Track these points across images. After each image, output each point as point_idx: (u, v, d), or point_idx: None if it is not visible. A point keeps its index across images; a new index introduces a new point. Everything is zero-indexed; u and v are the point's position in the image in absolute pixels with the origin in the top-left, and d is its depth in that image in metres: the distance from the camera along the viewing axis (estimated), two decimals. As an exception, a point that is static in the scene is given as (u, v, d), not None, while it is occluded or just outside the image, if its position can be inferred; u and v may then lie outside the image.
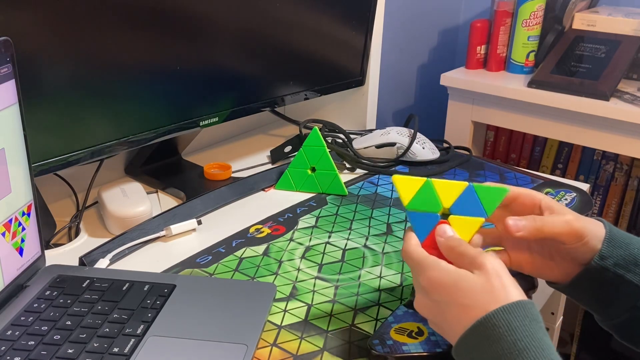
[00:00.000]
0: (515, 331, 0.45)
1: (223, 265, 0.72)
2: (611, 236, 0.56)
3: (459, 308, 0.49)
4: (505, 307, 0.46)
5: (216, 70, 0.89)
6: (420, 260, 0.52)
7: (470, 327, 0.47)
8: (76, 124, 0.75)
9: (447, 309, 0.50)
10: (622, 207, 1.54)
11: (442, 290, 0.50)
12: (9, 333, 0.56)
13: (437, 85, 1.50)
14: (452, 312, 0.49)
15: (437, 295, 0.50)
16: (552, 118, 1.35)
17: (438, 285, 0.50)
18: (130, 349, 0.54)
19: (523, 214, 0.58)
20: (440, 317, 0.51)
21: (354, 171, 1.00)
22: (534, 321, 0.46)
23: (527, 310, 0.46)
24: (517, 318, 0.46)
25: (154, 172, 0.95)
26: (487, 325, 0.46)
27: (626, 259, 0.55)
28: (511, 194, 0.58)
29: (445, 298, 0.50)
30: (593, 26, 1.39)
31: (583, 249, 0.56)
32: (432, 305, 0.51)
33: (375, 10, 1.08)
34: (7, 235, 0.60)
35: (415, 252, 0.53)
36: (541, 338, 0.45)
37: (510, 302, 0.46)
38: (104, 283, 0.64)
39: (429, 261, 0.52)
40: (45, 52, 0.69)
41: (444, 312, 0.50)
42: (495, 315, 0.46)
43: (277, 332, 0.61)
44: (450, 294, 0.49)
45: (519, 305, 0.46)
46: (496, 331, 0.45)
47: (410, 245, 0.54)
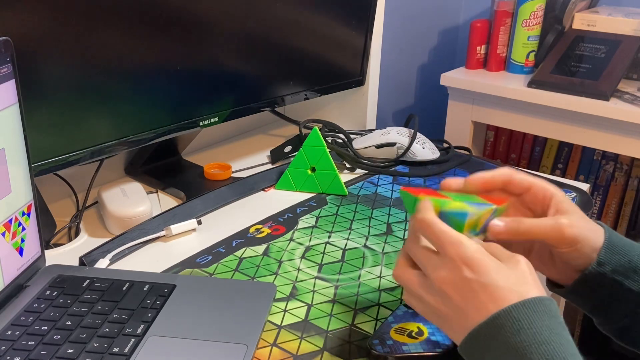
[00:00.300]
0: (535, 324, 0.45)
1: (223, 265, 0.72)
2: (611, 242, 0.55)
3: (493, 290, 0.47)
4: (526, 302, 0.46)
5: (216, 70, 0.89)
6: (449, 233, 0.49)
7: (489, 317, 0.46)
8: (76, 124, 0.75)
9: (479, 288, 0.47)
10: (622, 207, 1.54)
11: (479, 268, 0.47)
12: (9, 333, 0.56)
13: (437, 85, 1.50)
14: (483, 292, 0.47)
15: (470, 272, 0.47)
16: (552, 118, 1.35)
17: (476, 263, 0.48)
18: (130, 349, 0.54)
19: (534, 206, 0.58)
20: (468, 294, 0.48)
21: (354, 171, 1.00)
22: (553, 318, 0.46)
23: (547, 307, 0.46)
24: (537, 313, 0.45)
25: (154, 172, 0.95)
26: (508, 317, 0.46)
27: (625, 266, 0.55)
28: (525, 184, 0.57)
29: (481, 277, 0.47)
30: (593, 26, 1.39)
31: (575, 254, 0.55)
32: (461, 282, 0.48)
33: (375, 10, 1.08)
34: (7, 235, 0.60)
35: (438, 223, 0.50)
36: (560, 333, 0.45)
37: (532, 297, 0.46)
38: (104, 283, 0.64)
39: (461, 237, 0.49)
40: (45, 52, 0.69)
41: (474, 290, 0.47)
42: (516, 309, 0.46)
43: (277, 332, 0.61)
44: (488, 274, 0.47)
45: (539, 301, 0.46)
46: (516, 324, 0.45)
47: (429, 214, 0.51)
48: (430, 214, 0.51)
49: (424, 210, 0.52)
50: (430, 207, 0.52)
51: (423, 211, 0.52)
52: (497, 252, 0.50)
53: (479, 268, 0.47)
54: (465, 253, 0.48)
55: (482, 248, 0.49)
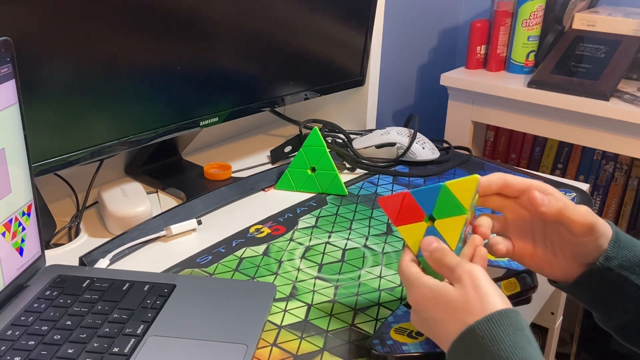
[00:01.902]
0: (498, 341, 0.45)
1: (223, 265, 0.72)
2: (618, 237, 0.56)
3: (442, 323, 0.50)
4: (488, 317, 0.46)
5: (216, 70, 0.89)
6: (407, 277, 0.53)
7: (454, 341, 0.48)
8: (76, 124, 0.75)
9: (434, 324, 0.51)
10: (622, 207, 1.54)
11: (425, 307, 0.51)
12: (9, 333, 0.56)
13: (437, 85, 1.50)
14: (437, 327, 0.51)
15: (423, 312, 0.52)
16: (552, 118, 1.35)
17: (422, 302, 0.52)
18: (130, 349, 0.54)
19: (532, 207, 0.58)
20: (431, 333, 0.52)
21: (354, 171, 1.00)
22: (518, 330, 0.46)
23: (511, 319, 0.46)
24: (500, 327, 0.46)
25: (154, 172, 0.95)
26: (471, 337, 0.46)
27: (631, 260, 0.55)
28: (522, 186, 0.57)
29: (430, 314, 0.51)
30: (593, 26, 1.39)
31: (591, 245, 0.55)
32: (422, 322, 0.53)
33: (375, 10, 1.08)
34: (7, 235, 0.60)
35: (404, 269, 0.54)
36: (524, 347, 0.45)
37: (493, 312, 0.46)
38: (104, 283, 0.64)
39: (412, 279, 0.53)
40: (45, 52, 0.69)
41: (432, 327, 0.51)
42: (479, 326, 0.46)
43: (277, 332, 0.61)
44: (432, 310, 0.51)
45: (502, 315, 0.46)
46: (480, 342, 0.46)
47: (403, 261, 0.55)
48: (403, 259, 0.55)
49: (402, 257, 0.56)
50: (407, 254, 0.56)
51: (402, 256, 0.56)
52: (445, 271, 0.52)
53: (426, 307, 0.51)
54: (414, 297, 0.52)
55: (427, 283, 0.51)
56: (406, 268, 0.54)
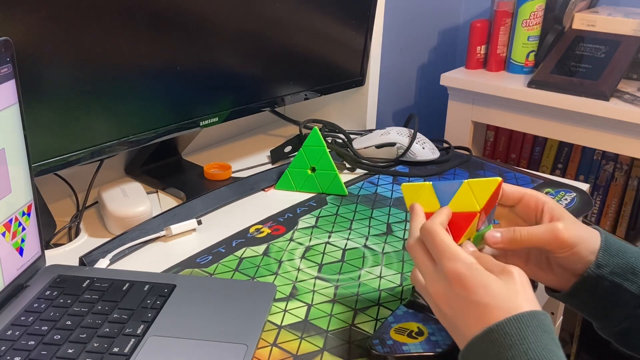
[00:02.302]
0: (527, 340, 0.44)
1: (223, 265, 0.72)
2: (607, 245, 0.56)
3: (482, 307, 0.47)
4: (519, 316, 0.46)
5: (216, 70, 0.89)
6: (448, 247, 0.50)
7: (484, 331, 0.46)
8: (76, 124, 0.75)
9: (469, 306, 0.48)
10: (622, 207, 1.54)
11: (469, 287, 0.48)
12: (9, 333, 0.56)
13: (437, 85, 1.50)
14: (473, 310, 0.48)
15: (462, 289, 0.48)
16: (552, 118, 1.35)
17: (467, 281, 0.48)
18: (130, 349, 0.54)
19: (527, 216, 0.59)
20: (459, 312, 0.49)
21: (354, 171, 1.00)
22: (546, 333, 0.46)
23: (540, 321, 0.46)
24: (530, 327, 0.45)
25: (154, 172, 0.95)
26: (500, 332, 0.45)
27: (623, 267, 0.55)
28: (516, 195, 0.59)
29: (470, 295, 0.48)
30: (593, 26, 1.39)
31: (573, 258, 0.55)
32: (452, 297, 0.49)
33: (375, 10, 1.08)
34: (7, 235, 0.60)
35: (440, 234, 0.51)
36: (552, 350, 0.45)
37: (525, 312, 0.46)
38: (104, 283, 0.64)
39: (458, 252, 0.50)
40: (45, 52, 0.69)
41: (464, 308, 0.48)
42: (508, 323, 0.45)
43: (277, 332, 0.61)
44: (477, 293, 0.48)
45: (533, 316, 0.46)
46: (508, 339, 0.45)
47: (435, 224, 0.52)
48: (436, 223, 0.52)
49: (433, 218, 0.53)
50: (440, 216, 0.54)
51: (432, 219, 0.53)
52: (491, 265, 0.50)
53: (469, 285, 0.48)
54: (458, 269, 0.49)
55: (475, 263, 0.49)
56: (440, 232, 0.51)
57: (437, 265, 0.51)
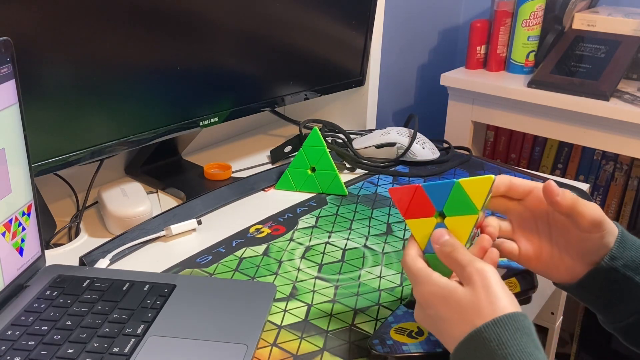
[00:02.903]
0: (506, 345, 0.45)
1: (223, 265, 0.72)
2: (623, 237, 0.55)
3: (449, 323, 0.49)
4: (496, 320, 0.46)
5: (216, 70, 0.89)
6: (414, 272, 0.52)
7: (460, 342, 0.47)
8: (76, 124, 0.75)
9: (440, 323, 0.50)
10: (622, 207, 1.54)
11: (433, 304, 0.50)
12: (9, 333, 0.56)
13: (437, 85, 1.50)
14: (444, 326, 0.50)
15: (429, 309, 0.51)
16: (552, 118, 1.35)
17: (430, 299, 0.51)
18: (130, 349, 0.54)
19: (537, 208, 0.58)
20: (436, 331, 0.52)
21: (354, 171, 1.00)
22: (525, 334, 0.45)
23: (519, 323, 0.46)
24: (508, 331, 0.45)
25: (154, 172, 0.95)
26: (478, 339, 0.46)
27: (636, 261, 0.55)
28: (526, 188, 0.58)
29: (437, 312, 0.50)
30: (593, 26, 1.39)
31: (597, 242, 0.55)
32: (427, 318, 0.52)
33: (375, 10, 1.08)
34: (7, 235, 0.60)
35: (410, 264, 0.53)
36: (532, 352, 0.45)
37: (501, 315, 0.46)
38: (104, 283, 0.64)
39: (421, 274, 0.52)
40: (45, 52, 0.69)
41: (438, 325, 0.51)
42: (486, 329, 0.46)
43: (277, 332, 0.61)
44: (440, 309, 0.50)
45: (510, 318, 0.46)
46: (487, 345, 0.45)
47: (408, 255, 0.54)
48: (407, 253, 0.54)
49: (406, 248, 0.55)
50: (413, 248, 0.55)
51: (406, 249, 0.55)
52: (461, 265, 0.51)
53: (435, 304, 0.50)
54: (422, 292, 0.51)
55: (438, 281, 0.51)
56: (412, 263, 0.53)
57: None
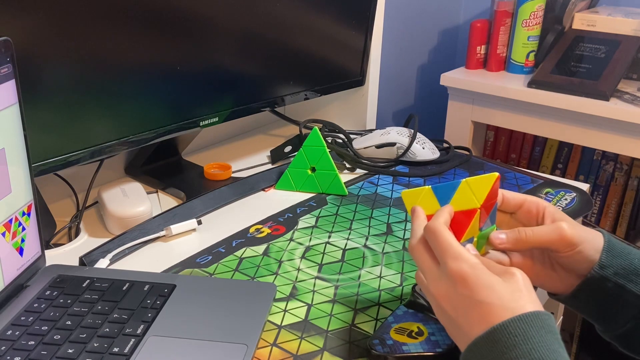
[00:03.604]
0: (531, 340, 0.44)
1: (223, 265, 0.72)
2: (610, 246, 0.56)
3: (486, 307, 0.47)
4: (522, 317, 0.46)
5: (216, 70, 0.89)
6: (451, 246, 0.50)
7: (487, 331, 0.46)
8: (76, 124, 0.75)
9: (473, 305, 0.48)
10: (622, 207, 1.54)
11: (473, 286, 0.48)
12: (9, 333, 0.56)
13: (437, 85, 1.50)
14: (477, 309, 0.47)
15: (465, 289, 0.48)
16: (552, 118, 1.35)
17: (470, 281, 0.48)
18: (130, 349, 0.54)
19: (528, 222, 0.59)
20: (462, 312, 0.49)
21: (354, 171, 1.00)
22: (550, 333, 0.45)
23: (544, 322, 0.46)
24: (533, 328, 0.45)
25: (154, 172, 0.95)
26: (504, 332, 0.45)
27: (627, 268, 0.55)
28: (517, 201, 0.59)
29: (474, 295, 0.48)
30: (593, 26, 1.39)
31: (577, 257, 0.55)
32: (455, 297, 0.49)
33: (375, 10, 1.08)
34: (7, 235, 0.60)
35: (444, 234, 0.51)
36: (557, 350, 0.45)
37: (528, 312, 0.46)
38: (104, 283, 0.64)
39: (462, 252, 0.50)
40: (46, 52, 0.69)
41: (468, 308, 0.48)
42: (512, 324, 0.45)
43: (277, 332, 0.61)
44: (481, 293, 0.47)
45: (536, 316, 0.46)
46: (511, 339, 0.45)
47: (439, 223, 0.52)
48: (440, 223, 0.52)
49: (436, 218, 0.53)
50: (443, 215, 0.54)
51: (435, 219, 0.53)
52: (493, 267, 0.50)
53: (473, 285, 0.48)
54: (462, 269, 0.49)
55: (479, 264, 0.49)
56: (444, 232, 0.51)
57: (441, 265, 0.51)
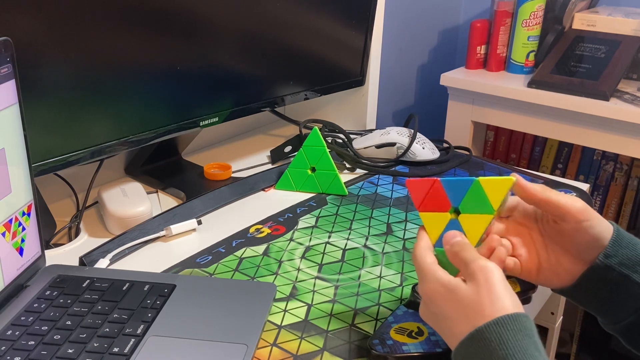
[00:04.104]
0: (506, 345, 0.44)
1: (223, 265, 0.72)
2: (619, 236, 0.55)
3: (451, 321, 0.49)
4: (498, 320, 0.46)
5: (216, 70, 0.89)
6: (422, 267, 0.53)
7: (462, 341, 0.47)
8: (76, 124, 0.75)
9: (443, 320, 0.50)
10: (622, 207, 1.54)
11: (436, 302, 0.51)
12: (9, 333, 0.56)
13: (437, 85, 1.50)
14: (446, 323, 0.50)
15: (433, 306, 0.51)
16: (552, 118, 1.35)
17: (433, 296, 0.51)
18: (130, 349, 0.54)
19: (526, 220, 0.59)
20: (438, 328, 0.52)
21: (354, 171, 1.00)
22: (527, 336, 0.45)
23: (520, 324, 0.46)
24: (509, 331, 0.45)
25: (154, 172, 0.95)
26: (479, 338, 0.46)
27: (632, 259, 0.55)
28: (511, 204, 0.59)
29: (440, 310, 0.50)
30: (593, 26, 1.39)
31: (585, 234, 0.55)
32: (430, 315, 0.52)
33: (375, 10, 1.08)
34: (7, 235, 0.60)
35: (420, 258, 0.53)
36: (532, 354, 0.44)
37: (503, 315, 0.46)
38: (104, 283, 0.64)
39: (426, 271, 0.52)
40: (45, 52, 0.69)
41: (440, 323, 0.51)
42: (487, 329, 0.46)
43: (277, 332, 0.61)
44: (443, 306, 0.50)
45: (512, 319, 0.46)
46: (487, 345, 0.45)
47: (419, 248, 0.54)
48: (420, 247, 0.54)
49: (419, 241, 0.55)
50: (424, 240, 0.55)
51: (418, 242, 0.55)
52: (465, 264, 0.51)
53: (438, 302, 0.50)
54: (427, 289, 0.51)
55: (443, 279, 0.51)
56: (421, 257, 0.53)
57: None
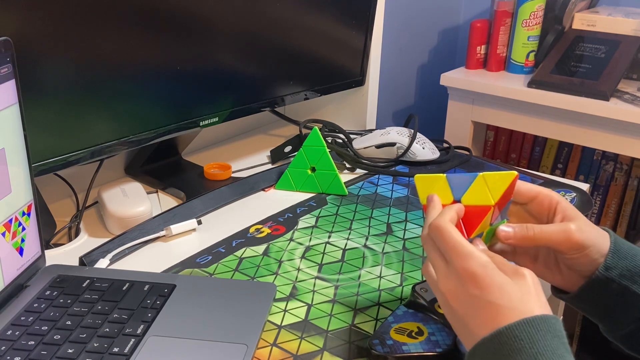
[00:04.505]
0: (537, 344, 0.44)
1: (223, 265, 0.72)
2: (617, 247, 0.55)
3: (495, 308, 0.46)
4: (530, 320, 0.45)
5: (216, 70, 0.89)
6: (459, 245, 0.49)
7: (493, 332, 0.45)
8: (76, 124, 0.75)
9: (482, 305, 0.47)
10: (622, 207, 1.54)
11: (484, 286, 0.47)
12: (9, 333, 0.56)
13: (437, 85, 1.50)
14: (486, 310, 0.47)
15: (475, 289, 0.48)
16: (552, 118, 1.35)
17: (481, 280, 0.47)
18: (130, 349, 0.54)
19: (539, 214, 0.58)
20: (471, 311, 0.48)
21: (354, 171, 1.00)
22: (556, 337, 0.45)
23: (551, 326, 0.45)
24: (540, 332, 0.44)
25: (154, 172, 0.95)
26: (510, 334, 0.45)
27: (632, 270, 0.54)
28: (531, 193, 0.58)
29: (484, 295, 0.47)
30: (593, 26, 1.39)
31: (583, 260, 0.55)
32: (465, 296, 0.48)
33: (375, 10, 1.08)
34: (7, 235, 0.60)
35: (450, 232, 0.50)
36: (562, 355, 0.44)
37: (536, 315, 0.45)
38: (104, 283, 0.64)
39: (471, 250, 0.49)
40: (45, 52, 0.69)
41: (477, 307, 0.47)
42: (519, 327, 0.45)
43: (277, 332, 0.61)
44: (491, 293, 0.47)
45: (544, 320, 0.45)
46: (517, 342, 0.44)
47: (443, 221, 0.51)
48: (445, 220, 0.51)
49: (441, 215, 0.52)
50: (449, 213, 0.52)
51: (440, 216, 0.52)
52: (503, 265, 0.49)
53: (484, 285, 0.47)
54: (472, 267, 0.48)
55: (490, 262, 0.48)
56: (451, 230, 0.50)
57: (449, 263, 0.50)
